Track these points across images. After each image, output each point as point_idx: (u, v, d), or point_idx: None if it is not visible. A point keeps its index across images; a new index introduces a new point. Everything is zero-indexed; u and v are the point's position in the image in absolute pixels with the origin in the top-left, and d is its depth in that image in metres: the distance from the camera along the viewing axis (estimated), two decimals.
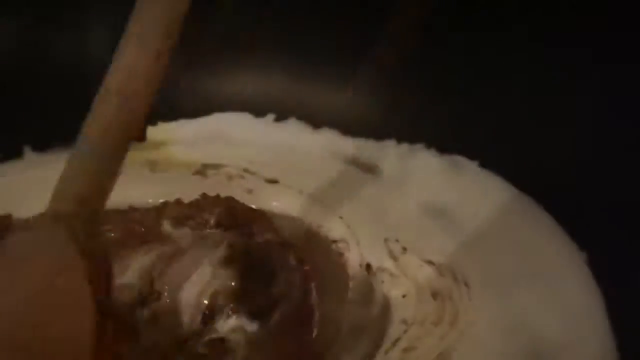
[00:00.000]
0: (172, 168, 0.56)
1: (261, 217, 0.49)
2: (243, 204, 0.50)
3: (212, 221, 0.47)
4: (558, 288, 0.45)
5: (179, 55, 0.60)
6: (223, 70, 0.61)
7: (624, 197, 0.45)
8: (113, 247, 0.46)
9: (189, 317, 0.40)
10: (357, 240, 0.50)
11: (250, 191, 0.53)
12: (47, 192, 0.52)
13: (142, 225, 0.48)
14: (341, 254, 0.50)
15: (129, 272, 0.43)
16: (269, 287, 0.42)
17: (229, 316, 0.40)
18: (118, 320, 0.32)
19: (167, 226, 0.47)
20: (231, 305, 0.40)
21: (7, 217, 0.49)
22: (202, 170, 0.56)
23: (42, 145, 0.56)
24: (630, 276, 0.42)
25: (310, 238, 0.50)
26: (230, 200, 0.50)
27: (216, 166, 0.56)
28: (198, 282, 0.41)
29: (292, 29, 0.59)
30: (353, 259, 0.49)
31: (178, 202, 0.50)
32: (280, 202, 0.52)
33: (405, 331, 0.44)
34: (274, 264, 0.44)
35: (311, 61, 0.59)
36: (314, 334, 0.43)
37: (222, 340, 0.40)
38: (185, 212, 0.48)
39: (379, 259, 0.48)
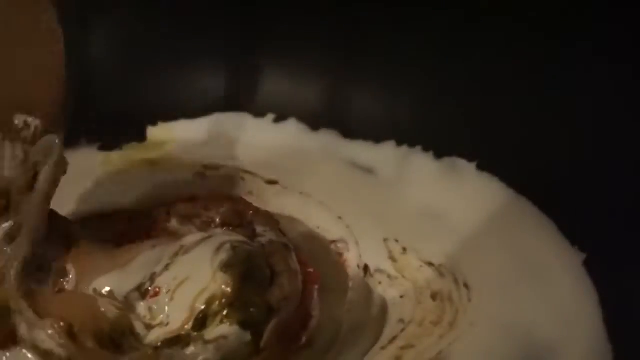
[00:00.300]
0: (172, 168, 0.56)
1: (267, 217, 0.49)
2: (250, 204, 0.50)
3: (217, 220, 0.47)
4: (555, 289, 0.45)
5: (180, 55, 0.61)
6: (223, 70, 0.61)
7: (621, 199, 0.45)
8: (120, 239, 0.47)
9: (182, 320, 0.40)
10: (356, 240, 0.50)
11: (250, 192, 0.53)
12: None
13: (151, 220, 0.48)
14: (340, 254, 0.50)
15: (133, 265, 0.43)
16: (266, 297, 0.41)
17: (221, 323, 0.39)
18: None
19: (174, 223, 0.47)
20: (225, 311, 0.40)
21: None
22: (202, 171, 0.56)
23: None
24: (627, 277, 0.42)
25: (309, 239, 0.51)
26: (237, 199, 0.50)
27: (216, 167, 0.56)
28: (197, 284, 0.40)
29: (292, 28, 0.59)
30: (352, 260, 0.49)
31: (190, 198, 0.50)
32: (280, 203, 0.53)
33: (402, 330, 0.44)
34: (275, 267, 0.43)
35: (311, 61, 0.59)
36: (303, 340, 0.43)
37: None
38: (192, 210, 0.48)
39: (377, 259, 0.48)
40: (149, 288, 0.41)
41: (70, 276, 0.43)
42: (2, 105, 0.43)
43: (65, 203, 0.48)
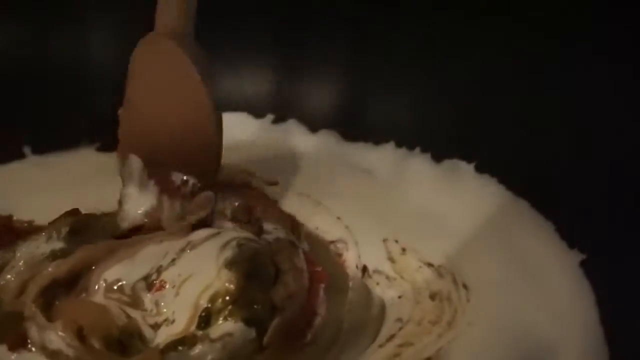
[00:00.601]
0: None
1: (279, 214, 0.49)
2: (263, 199, 0.50)
3: (228, 213, 0.48)
4: (553, 290, 0.45)
5: None
6: (223, 70, 0.61)
7: (619, 200, 0.45)
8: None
9: (186, 318, 0.40)
10: (356, 240, 0.50)
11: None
12: (47, 192, 0.53)
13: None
14: (340, 255, 0.50)
15: (141, 254, 0.43)
16: (270, 294, 0.41)
17: (225, 320, 0.39)
18: None
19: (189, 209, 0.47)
20: (229, 308, 0.40)
21: (8, 218, 0.49)
22: None
23: (42, 146, 0.56)
24: (624, 279, 0.42)
25: (309, 239, 0.51)
26: (252, 192, 0.50)
27: None
28: (201, 281, 0.40)
29: (292, 29, 0.59)
30: (351, 260, 0.49)
31: (211, 185, 0.50)
32: (280, 204, 0.52)
33: (400, 328, 0.44)
34: (281, 264, 0.43)
35: (310, 61, 0.59)
36: (308, 338, 0.43)
37: None
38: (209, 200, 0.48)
39: (376, 260, 0.48)
40: (155, 281, 0.41)
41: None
42: (162, 164, 0.47)
43: (65, 203, 0.48)
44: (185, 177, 0.47)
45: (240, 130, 0.59)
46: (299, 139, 0.58)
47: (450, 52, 0.55)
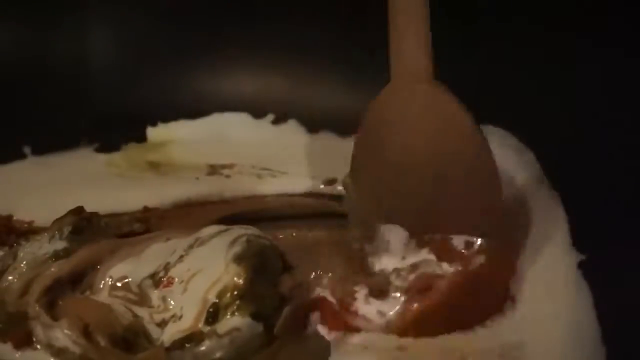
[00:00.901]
0: (171, 169, 0.56)
1: None
2: None
3: None
4: (551, 291, 0.45)
5: (179, 55, 0.61)
6: (223, 70, 0.61)
7: (618, 201, 0.45)
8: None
9: (194, 314, 0.40)
10: None
11: (249, 193, 0.53)
12: (47, 192, 0.53)
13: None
14: None
15: (147, 252, 0.44)
16: (278, 287, 0.42)
17: (232, 315, 0.40)
18: None
19: None
20: (237, 302, 0.40)
21: (8, 218, 0.49)
22: (212, 171, 0.56)
23: (42, 146, 0.57)
24: (622, 279, 0.42)
25: None
26: None
27: (217, 168, 0.56)
28: (210, 276, 0.41)
29: (292, 29, 0.59)
30: None
31: None
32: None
33: None
34: (287, 257, 0.44)
35: (311, 62, 0.59)
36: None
37: None
38: None
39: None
40: (163, 278, 0.42)
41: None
42: (428, 226, 0.42)
43: (65, 203, 0.48)
44: (468, 239, 0.42)
45: (240, 130, 0.59)
46: (299, 138, 0.58)
47: (450, 52, 0.55)
